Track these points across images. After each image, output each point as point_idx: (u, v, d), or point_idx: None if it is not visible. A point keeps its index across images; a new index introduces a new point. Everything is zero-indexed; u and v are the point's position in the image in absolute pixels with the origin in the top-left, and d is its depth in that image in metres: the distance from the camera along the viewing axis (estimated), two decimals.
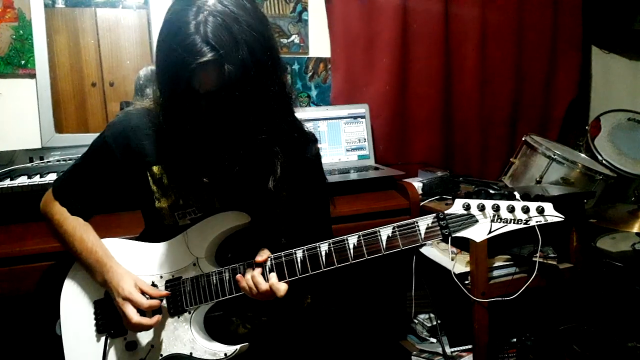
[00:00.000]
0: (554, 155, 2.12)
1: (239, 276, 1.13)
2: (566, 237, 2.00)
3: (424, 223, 1.07)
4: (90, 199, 1.25)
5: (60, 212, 1.23)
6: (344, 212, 1.86)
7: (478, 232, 1.05)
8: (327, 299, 1.43)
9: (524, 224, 1.04)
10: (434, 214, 1.07)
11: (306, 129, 1.25)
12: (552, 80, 2.76)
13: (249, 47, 0.96)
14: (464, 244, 1.90)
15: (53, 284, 1.32)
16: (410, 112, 2.49)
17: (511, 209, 1.04)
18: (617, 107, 2.65)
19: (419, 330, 2.23)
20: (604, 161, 2.34)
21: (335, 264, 1.09)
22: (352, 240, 1.09)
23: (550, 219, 1.04)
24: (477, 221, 1.05)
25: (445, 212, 1.06)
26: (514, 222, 1.04)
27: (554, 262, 1.93)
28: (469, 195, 1.08)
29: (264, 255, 1.13)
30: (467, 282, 1.85)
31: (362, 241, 1.08)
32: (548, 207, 1.04)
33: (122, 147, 1.18)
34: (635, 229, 1.83)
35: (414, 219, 1.07)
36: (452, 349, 2.07)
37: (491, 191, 1.84)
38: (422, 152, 2.51)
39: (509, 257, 1.91)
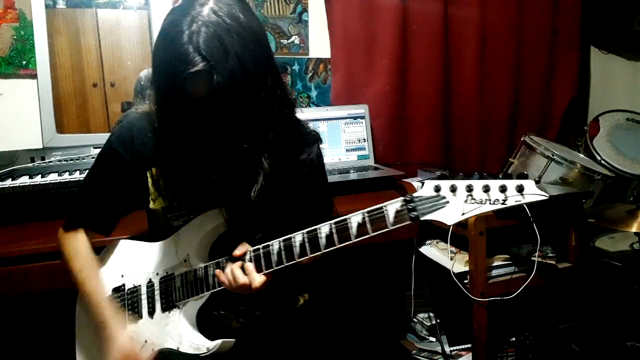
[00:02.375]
0: (553, 155, 2.13)
1: (217, 271, 1.15)
2: (565, 236, 2.01)
3: (392, 207, 1.01)
4: (108, 211, 1.27)
5: (71, 246, 1.26)
6: (343, 212, 1.86)
7: (449, 215, 0.97)
8: (325, 298, 1.43)
9: (501, 204, 0.94)
10: (402, 197, 1.01)
11: (308, 130, 1.26)
12: (551, 80, 2.77)
13: (239, 58, 0.99)
14: (463, 244, 1.91)
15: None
16: (409, 113, 2.49)
17: (486, 189, 0.95)
18: (615, 108, 2.66)
19: (419, 329, 2.23)
20: (602, 161, 2.34)
21: (308, 253, 1.08)
22: (325, 229, 1.07)
23: (530, 198, 0.93)
24: (448, 202, 0.98)
25: (414, 194, 1.01)
26: (489, 203, 0.95)
27: (553, 262, 1.94)
28: (444, 177, 1.03)
29: (242, 248, 1.15)
30: (466, 281, 1.86)
31: (334, 229, 1.06)
32: (529, 184, 0.93)
33: (129, 149, 1.21)
34: (633, 229, 1.84)
35: (383, 204, 1.03)
36: (452, 348, 2.08)
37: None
38: (421, 152, 2.51)
39: (508, 256, 1.92)
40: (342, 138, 2.32)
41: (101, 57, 2.09)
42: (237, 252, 1.14)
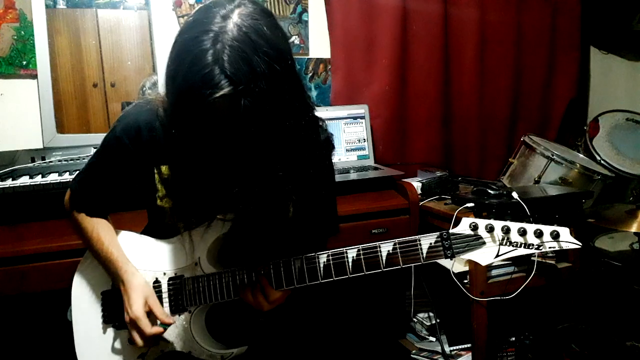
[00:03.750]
0: (553, 155, 2.14)
1: (243, 294, 1.14)
2: None
3: (426, 241, 1.01)
4: (108, 198, 1.25)
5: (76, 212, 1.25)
6: (343, 212, 1.87)
7: (484, 255, 0.99)
8: (326, 298, 1.43)
9: (536, 249, 0.96)
10: (438, 233, 1.01)
11: (326, 161, 1.24)
12: (551, 80, 2.78)
13: (267, 80, 0.91)
14: None
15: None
16: (409, 113, 2.50)
17: (522, 232, 0.96)
18: (615, 108, 2.66)
19: (418, 329, 2.24)
20: (602, 161, 2.35)
21: (333, 276, 1.07)
22: (352, 253, 1.06)
23: (565, 246, 0.95)
24: (484, 243, 0.98)
25: (451, 231, 1.01)
26: (524, 247, 0.97)
27: (553, 262, 1.94)
28: (479, 213, 1.02)
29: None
30: (466, 281, 1.86)
31: (362, 255, 1.05)
32: (564, 232, 0.95)
33: (134, 140, 1.17)
34: (633, 229, 1.84)
35: (417, 237, 1.02)
36: (451, 348, 2.08)
37: (490, 191, 1.85)
38: (421, 152, 2.52)
39: None
40: (342, 138, 2.33)
41: (101, 57, 2.10)
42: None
